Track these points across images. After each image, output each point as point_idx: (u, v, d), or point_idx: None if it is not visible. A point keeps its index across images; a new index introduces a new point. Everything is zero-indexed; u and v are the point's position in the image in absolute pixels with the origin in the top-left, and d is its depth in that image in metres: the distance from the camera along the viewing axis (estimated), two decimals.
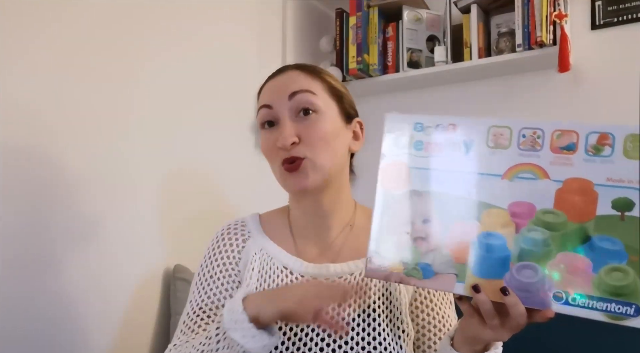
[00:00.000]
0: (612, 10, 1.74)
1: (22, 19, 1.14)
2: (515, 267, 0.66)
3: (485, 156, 0.68)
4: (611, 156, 0.63)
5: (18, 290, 1.11)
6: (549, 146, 0.65)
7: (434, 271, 0.69)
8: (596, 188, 0.63)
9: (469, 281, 0.68)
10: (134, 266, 1.36)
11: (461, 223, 0.69)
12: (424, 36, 1.97)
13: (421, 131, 0.71)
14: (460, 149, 0.69)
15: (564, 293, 0.65)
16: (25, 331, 1.12)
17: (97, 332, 1.27)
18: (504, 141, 0.67)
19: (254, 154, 1.76)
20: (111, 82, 1.33)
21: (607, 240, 0.63)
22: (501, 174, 0.67)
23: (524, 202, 0.66)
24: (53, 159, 1.20)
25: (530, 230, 0.66)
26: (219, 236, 0.99)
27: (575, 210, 0.64)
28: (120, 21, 1.36)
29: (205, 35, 1.63)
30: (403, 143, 0.72)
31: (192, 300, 0.94)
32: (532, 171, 0.66)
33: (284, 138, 0.89)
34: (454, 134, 0.69)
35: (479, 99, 1.94)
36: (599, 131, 0.64)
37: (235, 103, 1.74)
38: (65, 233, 1.21)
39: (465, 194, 0.68)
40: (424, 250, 0.70)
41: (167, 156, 1.48)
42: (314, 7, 2.15)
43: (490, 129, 0.68)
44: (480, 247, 0.67)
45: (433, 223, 0.70)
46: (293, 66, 0.98)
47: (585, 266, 0.64)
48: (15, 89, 1.13)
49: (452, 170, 0.69)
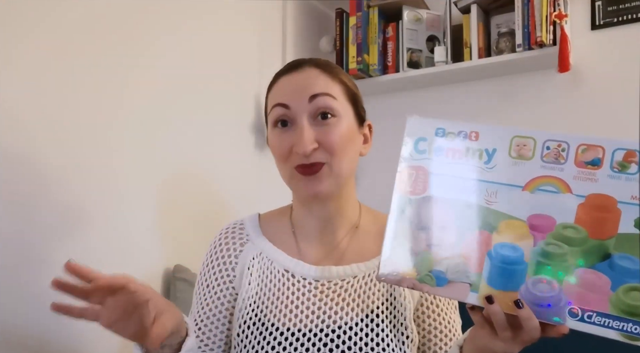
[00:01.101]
0: (612, 10, 1.74)
1: (9, 18, 1.14)
2: (531, 280, 0.65)
3: (507, 166, 0.67)
4: (637, 174, 0.62)
5: (17, 290, 1.11)
6: (574, 160, 0.64)
7: (447, 279, 0.68)
8: (619, 206, 0.62)
9: (482, 291, 0.67)
10: (134, 266, 1.36)
11: (478, 232, 0.68)
12: (424, 36, 1.97)
13: (443, 137, 0.70)
14: (482, 158, 0.68)
15: (579, 309, 0.64)
16: (25, 331, 1.11)
17: (97, 332, 1.27)
18: (526, 152, 0.66)
19: (253, 153, 1.76)
20: (111, 82, 1.33)
21: (628, 259, 0.62)
22: (522, 186, 0.66)
23: (544, 215, 0.65)
24: (54, 160, 1.20)
25: (549, 243, 0.65)
26: (216, 241, 0.99)
27: (597, 227, 0.63)
28: (119, 21, 1.36)
29: (205, 35, 1.63)
30: (424, 148, 0.71)
31: (192, 311, 0.95)
32: (554, 184, 0.65)
33: (304, 145, 0.85)
34: (476, 142, 0.69)
35: (479, 99, 1.94)
36: (626, 148, 0.62)
37: (235, 103, 1.74)
38: (65, 233, 1.21)
39: (484, 204, 0.67)
40: (438, 257, 0.69)
41: (167, 156, 1.48)
42: (314, 7, 2.15)
43: (513, 139, 0.67)
44: (497, 258, 0.66)
45: (449, 230, 0.69)
46: (311, 62, 0.94)
47: (604, 283, 0.63)
48: (4, 93, 1.13)
49: (472, 178, 0.68)
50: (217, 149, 1.64)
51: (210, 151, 1.62)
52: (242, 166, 1.72)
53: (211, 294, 0.93)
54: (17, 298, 1.10)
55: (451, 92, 1.99)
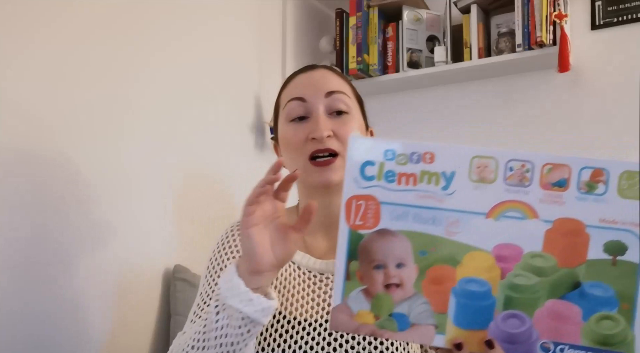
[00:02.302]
0: (612, 10, 1.74)
1: (21, 19, 1.14)
2: (501, 316, 0.61)
3: (468, 191, 0.60)
4: (605, 194, 0.58)
5: (18, 290, 1.11)
6: (539, 181, 0.59)
7: (410, 322, 0.62)
8: (588, 230, 0.58)
9: (449, 333, 0.62)
10: (134, 266, 1.36)
11: (440, 267, 0.62)
12: (424, 36, 1.97)
13: (393, 160, 0.61)
14: (439, 183, 0.61)
15: (552, 344, 0.61)
16: (24, 331, 1.11)
17: (97, 332, 1.27)
18: (488, 175, 0.60)
19: (254, 153, 1.76)
20: (113, 85, 1.33)
21: (598, 287, 0.59)
22: (485, 213, 0.60)
23: (511, 244, 0.60)
24: (54, 161, 1.20)
25: (517, 275, 0.60)
26: (228, 232, 0.99)
27: (566, 254, 0.59)
28: (119, 22, 1.36)
29: (205, 36, 1.63)
30: (371, 173, 0.62)
31: (202, 292, 0.94)
32: (519, 209, 0.60)
33: (320, 130, 0.89)
34: (431, 164, 0.61)
35: (479, 99, 1.94)
36: (592, 166, 0.58)
37: (235, 103, 1.74)
38: (65, 234, 1.21)
39: (445, 235, 0.61)
40: (398, 298, 0.63)
41: (167, 157, 1.48)
42: (314, 7, 2.15)
43: (473, 159, 0.60)
44: (462, 294, 0.61)
45: (408, 267, 0.62)
46: (321, 66, 0.99)
47: (575, 314, 0.60)
48: (19, 93, 1.13)
49: (430, 206, 0.61)
50: (217, 149, 1.64)
51: (210, 152, 1.62)
52: (243, 166, 1.72)
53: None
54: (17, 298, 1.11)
55: (451, 92, 1.99)
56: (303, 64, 1.99)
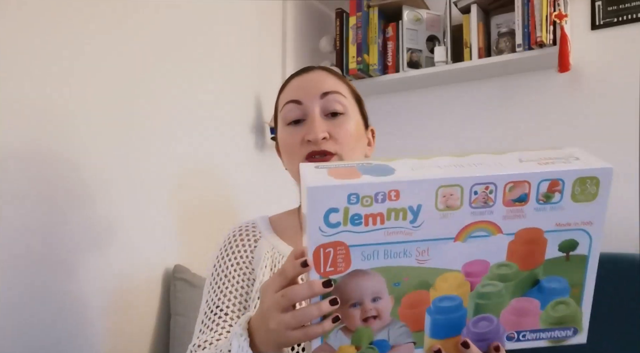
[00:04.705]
0: (612, 10, 1.74)
1: (22, 18, 1.15)
2: (472, 321, 0.66)
3: (435, 221, 0.61)
4: (560, 202, 0.61)
5: (18, 289, 1.11)
6: (502, 200, 0.61)
7: (390, 345, 0.65)
8: (546, 235, 0.62)
9: (427, 345, 0.66)
10: (134, 266, 1.36)
11: (414, 293, 0.63)
12: (424, 36, 1.97)
13: (357, 203, 0.59)
14: (407, 218, 0.60)
15: (515, 333, 0.67)
16: (24, 331, 1.12)
17: (97, 331, 1.27)
18: (454, 202, 0.60)
19: (254, 154, 1.76)
20: (115, 86, 1.33)
21: (554, 280, 0.65)
22: (453, 237, 0.62)
23: (478, 260, 0.63)
24: (55, 161, 1.20)
25: (485, 285, 0.64)
26: (230, 236, 0.99)
27: (526, 259, 0.63)
28: (120, 22, 1.37)
29: (206, 36, 1.63)
30: (336, 220, 0.60)
31: (208, 299, 0.94)
32: (485, 228, 0.62)
33: (316, 132, 0.89)
34: (397, 201, 0.60)
35: (479, 99, 1.94)
36: (549, 178, 0.61)
37: (235, 103, 1.74)
38: (65, 233, 1.21)
39: (416, 264, 0.62)
40: (376, 328, 0.64)
41: (167, 157, 1.48)
42: (314, 7, 2.15)
43: (439, 190, 0.60)
44: (436, 312, 0.64)
45: (384, 299, 0.63)
46: (318, 67, 1.00)
47: (534, 306, 0.66)
48: (22, 92, 1.13)
49: (399, 241, 0.61)
50: (217, 149, 1.64)
51: (210, 152, 1.62)
52: (242, 166, 1.72)
53: (232, 283, 0.94)
54: (16, 297, 1.11)
55: (451, 92, 1.99)
56: (303, 64, 2.00)
